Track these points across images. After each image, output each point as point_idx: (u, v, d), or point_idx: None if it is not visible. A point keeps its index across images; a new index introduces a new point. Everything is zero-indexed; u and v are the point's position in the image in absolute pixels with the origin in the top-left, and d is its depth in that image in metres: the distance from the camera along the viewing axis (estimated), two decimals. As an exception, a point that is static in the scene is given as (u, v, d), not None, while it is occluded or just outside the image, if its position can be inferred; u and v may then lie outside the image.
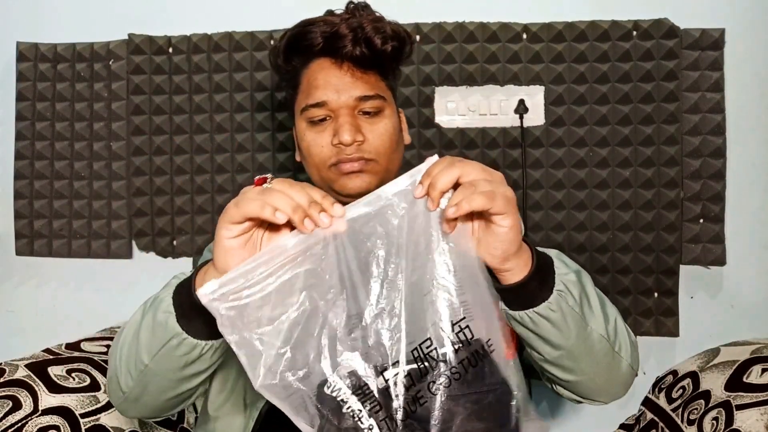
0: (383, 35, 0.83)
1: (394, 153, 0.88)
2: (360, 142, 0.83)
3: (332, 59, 0.84)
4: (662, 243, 1.30)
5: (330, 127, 0.84)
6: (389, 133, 0.86)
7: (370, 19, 0.84)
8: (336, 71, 0.84)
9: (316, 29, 0.83)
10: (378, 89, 0.86)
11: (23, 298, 1.50)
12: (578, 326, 0.66)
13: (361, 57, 0.83)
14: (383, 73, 0.88)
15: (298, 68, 0.88)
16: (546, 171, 1.32)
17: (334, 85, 0.83)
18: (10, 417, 0.84)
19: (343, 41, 0.82)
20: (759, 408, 0.91)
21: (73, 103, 1.42)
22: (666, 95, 1.28)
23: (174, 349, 0.65)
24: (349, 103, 0.83)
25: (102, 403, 0.93)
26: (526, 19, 1.31)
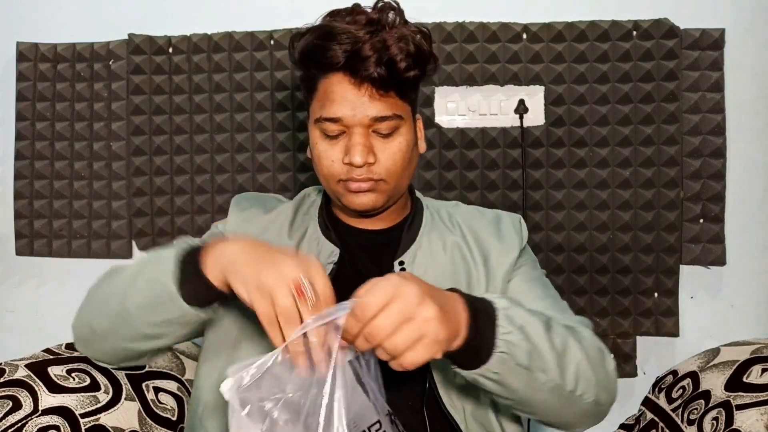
0: (407, 59, 0.80)
1: (405, 171, 0.86)
2: (371, 163, 0.82)
3: (351, 76, 0.81)
4: (662, 243, 1.30)
5: (342, 142, 0.83)
6: (402, 152, 0.84)
7: (396, 36, 0.79)
8: (353, 89, 0.81)
9: (336, 46, 0.79)
10: (395, 108, 0.83)
11: (23, 298, 1.50)
12: (525, 381, 0.67)
13: (380, 79, 0.80)
14: (402, 93, 0.84)
15: (316, 76, 0.85)
16: (546, 171, 1.32)
17: (351, 102, 0.81)
18: (10, 417, 0.84)
19: (365, 63, 0.78)
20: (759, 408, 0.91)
21: (73, 103, 1.42)
22: (666, 95, 1.28)
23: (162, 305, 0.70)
24: (364, 122, 0.81)
25: (102, 403, 0.93)
26: (526, 19, 1.31)
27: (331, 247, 0.89)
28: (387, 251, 0.90)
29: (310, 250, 0.89)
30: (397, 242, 0.91)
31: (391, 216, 0.93)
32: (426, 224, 0.93)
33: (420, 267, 0.88)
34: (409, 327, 0.57)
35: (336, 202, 0.90)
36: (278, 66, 1.36)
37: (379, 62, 0.78)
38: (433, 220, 0.94)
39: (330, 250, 0.88)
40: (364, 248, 0.90)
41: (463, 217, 0.96)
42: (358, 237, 0.92)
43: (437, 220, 0.95)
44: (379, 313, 0.57)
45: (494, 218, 0.97)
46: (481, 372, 0.65)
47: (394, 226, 0.93)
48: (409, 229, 0.92)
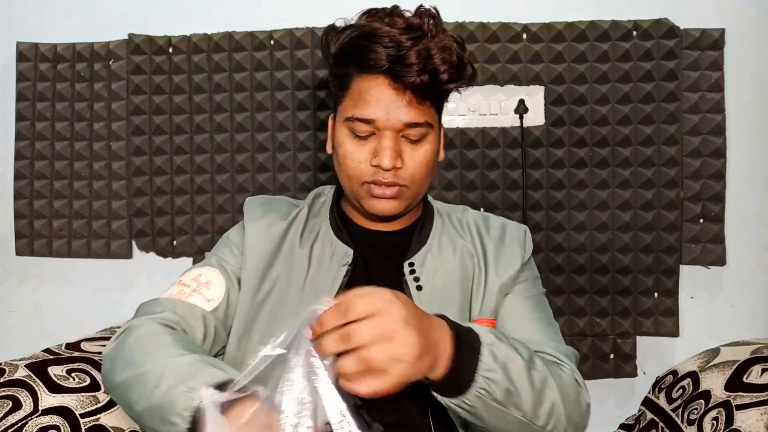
0: (450, 70, 0.80)
1: (427, 178, 0.87)
2: (398, 168, 0.82)
3: (392, 81, 0.80)
4: (662, 243, 1.30)
5: (371, 143, 0.82)
6: (428, 159, 0.84)
7: (440, 46, 0.79)
8: (392, 92, 0.80)
9: (381, 49, 0.78)
10: (428, 116, 0.83)
11: (23, 298, 1.50)
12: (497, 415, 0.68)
13: (422, 87, 0.80)
14: (436, 101, 0.84)
15: (352, 73, 0.84)
16: (546, 171, 1.32)
17: (386, 105, 0.80)
18: (10, 417, 0.84)
19: (409, 70, 0.78)
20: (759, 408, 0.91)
21: (73, 103, 1.42)
22: (666, 95, 1.28)
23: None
24: (397, 127, 0.81)
25: (102, 403, 0.93)
26: (526, 19, 1.31)
27: (344, 248, 0.89)
28: (398, 253, 0.90)
29: (324, 251, 0.89)
30: (407, 244, 0.91)
31: (403, 218, 0.93)
32: (437, 227, 0.93)
33: (429, 269, 0.88)
34: (387, 345, 0.56)
35: (354, 204, 0.90)
36: (278, 66, 1.36)
37: (423, 70, 0.78)
38: (444, 223, 0.94)
39: (344, 251, 0.88)
40: (376, 249, 0.90)
41: (471, 222, 0.96)
42: (369, 238, 0.92)
43: (448, 223, 0.95)
44: (363, 319, 0.56)
45: (500, 227, 0.97)
46: (456, 402, 0.65)
47: (406, 228, 0.93)
48: (420, 232, 0.92)
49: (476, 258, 0.91)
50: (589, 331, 1.32)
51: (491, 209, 1.33)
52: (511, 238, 0.95)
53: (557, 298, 1.33)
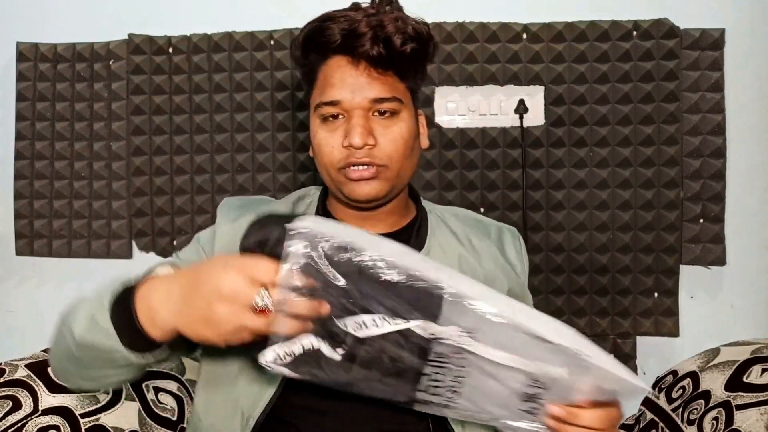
0: (403, 35, 0.80)
1: (407, 159, 0.84)
2: (371, 146, 0.80)
3: (349, 57, 0.81)
4: (662, 243, 1.30)
5: (342, 127, 0.82)
6: (403, 137, 0.83)
7: (392, 17, 0.80)
8: (352, 70, 0.81)
9: (334, 25, 0.80)
10: (395, 91, 0.82)
11: (23, 298, 1.50)
12: None
13: (379, 57, 0.80)
14: (402, 75, 0.84)
15: (315, 63, 0.85)
16: (546, 171, 1.32)
17: (350, 85, 0.81)
18: (10, 417, 0.84)
19: (361, 40, 0.79)
20: (759, 408, 0.91)
21: (73, 103, 1.42)
22: (666, 95, 1.28)
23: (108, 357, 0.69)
24: (363, 105, 0.81)
25: (102, 403, 0.93)
26: (526, 19, 1.31)
27: None
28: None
29: None
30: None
31: (393, 218, 0.91)
32: (432, 230, 0.92)
33: None
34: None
35: (338, 197, 0.88)
36: (278, 66, 1.36)
37: (375, 39, 0.79)
38: (439, 227, 0.93)
39: None
40: None
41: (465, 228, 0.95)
42: None
43: (443, 227, 0.94)
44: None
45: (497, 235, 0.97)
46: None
47: (399, 230, 0.91)
48: (418, 235, 0.90)
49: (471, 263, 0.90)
50: (589, 331, 1.32)
51: (491, 209, 1.33)
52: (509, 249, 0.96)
53: (557, 298, 1.33)
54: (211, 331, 0.62)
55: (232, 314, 0.60)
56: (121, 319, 0.67)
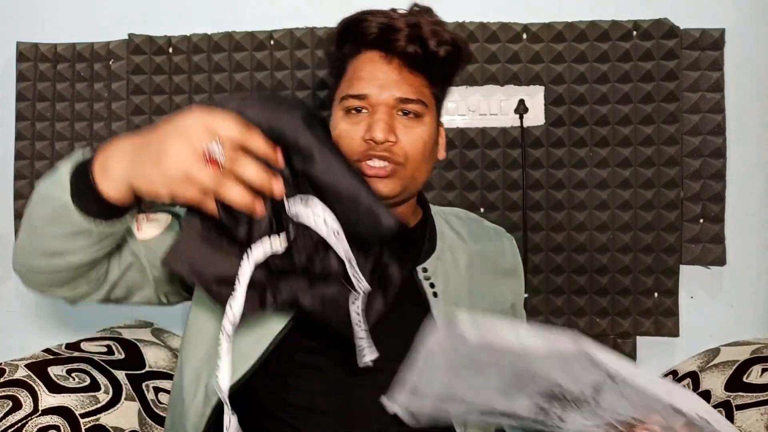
0: (439, 38, 0.81)
1: (424, 163, 0.85)
2: (392, 142, 0.81)
3: (383, 53, 0.82)
4: (662, 243, 1.30)
5: (365, 121, 0.82)
6: (423, 140, 0.83)
7: (430, 20, 0.82)
8: (384, 66, 0.82)
9: (372, 18, 0.81)
10: (422, 95, 0.83)
11: (23, 298, 1.50)
12: None
13: (413, 55, 0.80)
14: (432, 79, 0.84)
15: (347, 56, 0.86)
16: (546, 171, 1.32)
17: (379, 80, 0.81)
18: (10, 417, 0.84)
19: (397, 35, 0.80)
20: (759, 408, 0.91)
21: (73, 103, 1.42)
22: (666, 95, 1.28)
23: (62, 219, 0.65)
24: (389, 102, 0.81)
25: (102, 403, 0.93)
26: (526, 19, 1.31)
27: None
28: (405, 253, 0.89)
29: None
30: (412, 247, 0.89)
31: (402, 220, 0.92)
32: (441, 234, 0.93)
33: (442, 276, 0.88)
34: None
35: None
36: (278, 66, 1.36)
37: (411, 37, 0.80)
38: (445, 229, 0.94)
39: None
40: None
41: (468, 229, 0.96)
42: None
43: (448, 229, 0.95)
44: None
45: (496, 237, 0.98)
46: None
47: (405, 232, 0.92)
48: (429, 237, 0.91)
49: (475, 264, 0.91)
50: (589, 331, 1.32)
51: (491, 209, 1.33)
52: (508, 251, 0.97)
53: (557, 298, 1.33)
54: (158, 173, 0.58)
55: (181, 152, 0.57)
56: (79, 173, 0.65)
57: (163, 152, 0.58)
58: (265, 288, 0.65)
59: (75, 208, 0.64)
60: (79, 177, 0.65)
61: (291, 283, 0.66)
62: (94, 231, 0.66)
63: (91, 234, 0.66)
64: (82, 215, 0.64)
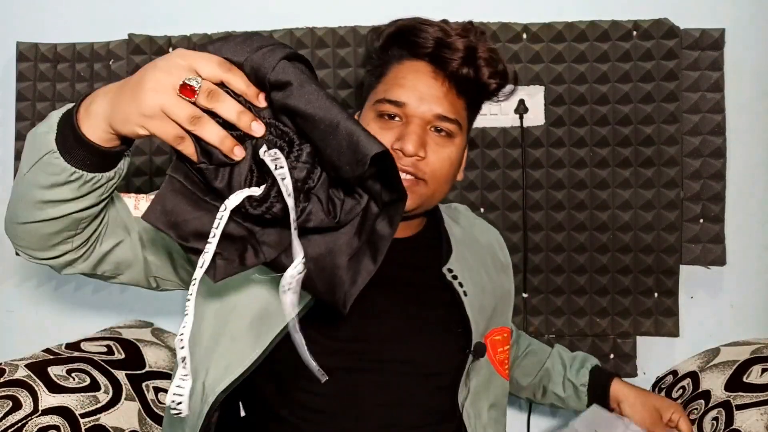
0: (493, 69, 0.80)
1: (446, 183, 0.84)
2: (420, 158, 0.79)
3: (433, 67, 0.80)
4: (662, 243, 1.30)
5: (397, 129, 0.80)
6: (451, 160, 0.82)
7: (487, 47, 0.80)
8: (430, 80, 0.80)
9: (430, 30, 0.79)
10: (459, 116, 0.82)
11: (23, 298, 1.50)
12: None
13: (464, 79, 0.79)
14: (472, 103, 0.84)
15: (392, 60, 0.84)
16: (546, 171, 1.32)
17: (421, 93, 0.79)
18: (10, 417, 0.84)
19: (453, 55, 0.78)
20: (759, 408, 0.91)
21: (73, 103, 1.42)
22: (666, 95, 1.28)
23: (46, 165, 0.64)
24: (426, 116, 0.79)
25: (102, 403, 0.94)
26: (526, 19, 1.31)
27: None
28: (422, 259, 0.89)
29: None
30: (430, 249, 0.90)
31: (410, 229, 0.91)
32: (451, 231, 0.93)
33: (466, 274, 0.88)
34: None
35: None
36: (278, 66, 1.36)
37: (467, 60, 0.78)
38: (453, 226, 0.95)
39: None
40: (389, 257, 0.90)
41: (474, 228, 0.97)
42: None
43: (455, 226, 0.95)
44: None
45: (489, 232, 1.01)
46: None
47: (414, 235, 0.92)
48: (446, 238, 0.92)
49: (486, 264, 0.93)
50: (589, 331, 1.32)
51: (491, 209, 1.33)
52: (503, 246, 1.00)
53: (557, 298, 1.33)
54: (135, 108, 0.56)
55: (159, 85, 0.55)
56: (66, 118, 0.63)
57: (141, 87, 0.56)
58: (246, 243, 0.60)
59: (58, 152, 0.62)
60: (65, 122, 0.63)
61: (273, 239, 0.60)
62: (76, 180, 0.63)
63: (73, 183, 0.64)
64: (65, 160, 0.62)
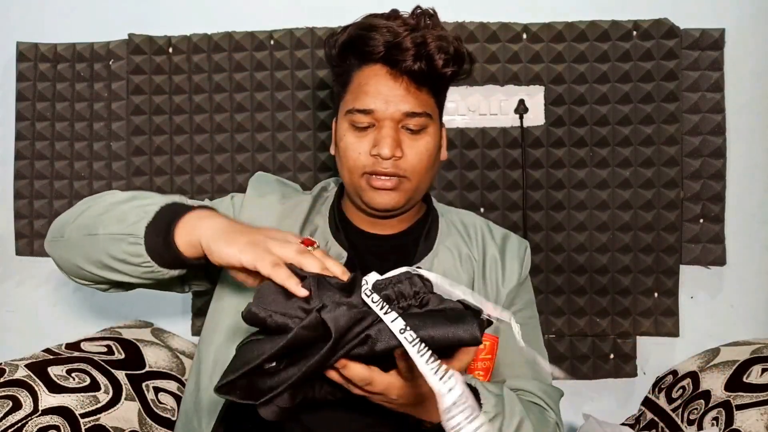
0: (446, 56, 0.82)
1: (428, 173, 0.86)
2: (398, 157, 0.82)
3: (389, 68, 0.82)
4: (662, 243, 1.30)
5: (371, 135, 0.83)
6: (429, 151, 0.84)
7: (435, 35, 0.81)
8: (389, 81, 0.82)
9: (378, 36, 0.81)
10: (427, 107, 0.84)
11: (23, 298, 1.50)
12: None
13: (419, 73, 0.81)
14: (436, 91, 0.86)
15: (352, 68, 0.86)
16: (546, 171, 1.32)
17: (385, 96, 0.82)
18: (10, 417, 0.84)
19: (404, 55, 0.80)
20: (759, 408, 0.91)
21: (73, 103, 1.42)
22: (666, 95, 1.28)
23: (126, 244, 0.69)
24: (395, 116, 0.82)
25: (102, 403, 0.93)
26: (526, 19, 1.31)
27: (339, 249, 0.88)
28: (400, 257, 0.89)
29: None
30: (409, 248, 0.90)
31: (402, 220, 0.92)
32: (442, 233, 0.93)
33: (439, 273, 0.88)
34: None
35: (353, 200, 0.89)
36: (278, 66, 1.36)
37: (418, 56, 0.80)
38: (449, 228, 0.94)
39: (338, 253, 0.87)
40: (375, 253, 0.90)
41: (477, 228, 0.96)
42: (368, 241, 0.91)
43: (452, 228, 0.94)
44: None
45: (501, 238, 0.97)
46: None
47: (405, 231, 0.92)
48: (427, 237, 0.91)
49: (478, 266, 0.91)
50: (589, 331, 1.32)
51: (491, 209, 1.33)
52: (511, 252, 0.95)
53: (557, 298, 1.33)
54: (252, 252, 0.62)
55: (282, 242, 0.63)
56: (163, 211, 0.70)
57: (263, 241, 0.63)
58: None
59: (143, 244, 0.68)
60: (162, 218, 0.69)
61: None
62: (146, 268, 0.70)
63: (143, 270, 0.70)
64: (143, 243, 0.68)
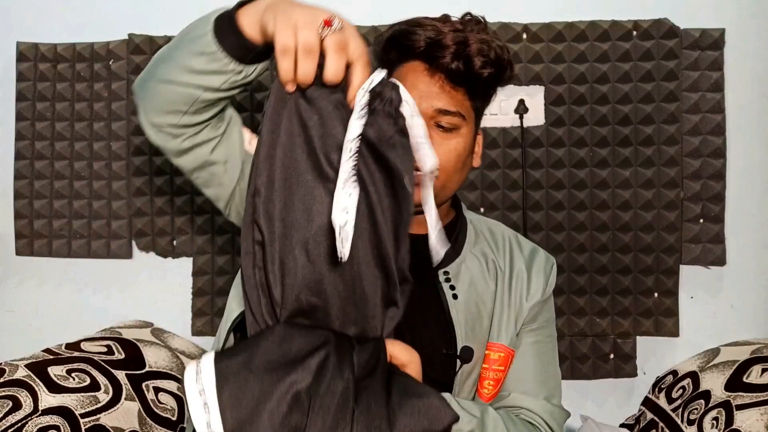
0: (485, 58, 0.82)
1: (456, 173, 0.86)
2: None
3: (427, 65, 0.83)
4: (662, 243, 1.30)
5: None
6: (458, 152, 0.85)
7: (478, 38, 0.82)
8: (426, 78, 0.83)
9: (421, 32, 0.83)
10: (461, 107, 0.84)
11: (23, 298, 1.50)
12: None
13: (456, 72, 0.82)
14: (472, 94, 0.86)
15: (393, 62, 0.88)
16: (546, 171, 1.32)
17: (420, 91, 0.83)
18: (10, 417, 0.84)
19: (443, 52, 0.81)
20: (759, 408, 0.91)
21: (73, 103, 1.42)
22: (666, 95, 1.28)
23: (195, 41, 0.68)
24: (428, 113, 0.82)
25: (102, 403, 0.93)
26: (526, 19, 1.31)
27: None
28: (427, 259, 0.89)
29: None
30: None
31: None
32: (470, 239, 0.93)
33: (464, 281, 0.88)
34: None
35: None
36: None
37: (457, 55, 0.81)
38: (477, 236, 0.94)
39: None
40: None
41: (505, 239, 0.96)
42: None
43: (480, 236, 0.95)
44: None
45: (530, 252, 0.97)
46: None
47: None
48: (456, 242, 0.91)
49: (505, 277, 0.91)
50: (589, 331, 1.32)
51: (491, 209, 1.33)
52: (538, 267, 0.95)
53: (557, 298, 1.33)
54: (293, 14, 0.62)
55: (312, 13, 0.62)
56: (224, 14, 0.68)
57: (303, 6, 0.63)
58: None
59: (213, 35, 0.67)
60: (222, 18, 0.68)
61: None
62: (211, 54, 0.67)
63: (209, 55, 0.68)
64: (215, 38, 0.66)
